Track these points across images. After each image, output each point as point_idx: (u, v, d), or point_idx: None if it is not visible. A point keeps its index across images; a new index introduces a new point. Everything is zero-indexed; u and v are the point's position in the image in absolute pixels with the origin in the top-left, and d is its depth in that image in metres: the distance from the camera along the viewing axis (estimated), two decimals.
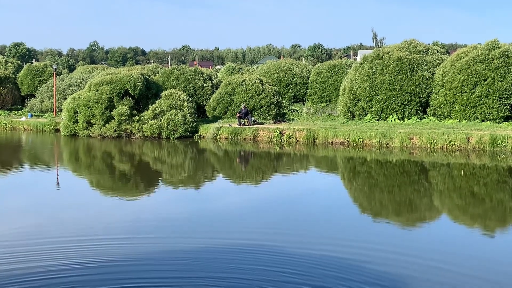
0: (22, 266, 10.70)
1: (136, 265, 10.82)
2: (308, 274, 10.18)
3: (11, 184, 21.36)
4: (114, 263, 10.91)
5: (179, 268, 10.68)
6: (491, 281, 10.02)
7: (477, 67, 34.04)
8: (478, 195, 18.95)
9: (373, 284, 9.68)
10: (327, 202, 17.70)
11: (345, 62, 53.38)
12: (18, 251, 11.63)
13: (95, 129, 36.68)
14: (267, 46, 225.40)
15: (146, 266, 10.76)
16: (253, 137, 34.88)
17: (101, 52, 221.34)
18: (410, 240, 12.79)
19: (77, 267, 10.63)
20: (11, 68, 61.08)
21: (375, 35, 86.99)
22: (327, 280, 9.89)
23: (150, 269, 10.58)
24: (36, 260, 11.07)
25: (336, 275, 10.17)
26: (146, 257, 11.38)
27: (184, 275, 10.26)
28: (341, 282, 9.77)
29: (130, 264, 10.88)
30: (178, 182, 21.97)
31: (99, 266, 10.69)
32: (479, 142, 29.11)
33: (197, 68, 45.50)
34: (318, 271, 10.35)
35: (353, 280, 9.89)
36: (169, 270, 10.58)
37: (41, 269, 10.52)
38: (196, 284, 9.78)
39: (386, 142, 30.97)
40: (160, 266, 10.77)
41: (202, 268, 10.64)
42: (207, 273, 10.29)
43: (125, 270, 10.51)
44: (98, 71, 50.26)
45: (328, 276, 10.12)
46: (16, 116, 49.66)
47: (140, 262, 11.06)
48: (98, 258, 11.20)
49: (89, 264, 10.82)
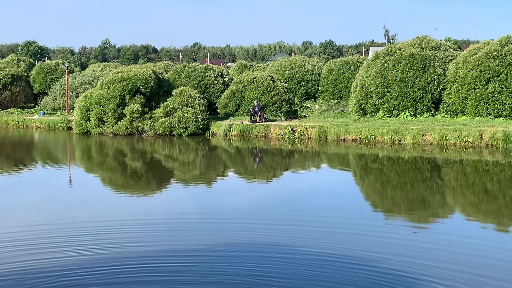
0: (33, 259, 10.76)
1: (147, 262, 10.85)
2: (316, 272, 10.16)
3: (24, 181, 21.48)
4: (122, 260, 10.95)
5: (194, 268, 10.70)
6: (506, 280, 9.93)
7: (489, 63, 33.79)
8: (491, 192, 18.82)
9: (387, 283, 9.64)
10: (339, 199, 17.64)
11: (356, 59, 53.22)
12: (28, 246, 11.69)
13: (107, 127, 36.81)
14: (278, 43, 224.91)
15: (162, 262, 10.79)
16: (265, 134, 34.86)
17: (113, 50, 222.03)
18: (422, 238, 12.72)
19: (86, 263, 10.68)
20: (23, 67, 61.36)
21: (387, 32, 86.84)
22: (336, 278, 9.86)
23: (167, 266, 10.60)
24: (45, 256, 11.13)
25: (343, 275, 10.14)
26: (160, 254, 11.40)
27: (200, 275, 10.28)
28: (352, 280, 9.74)
29: (140, 261, 10.91)
30: (189, 179, 21.99)
31: (108, 263, 10.73)
32: (492, 138, 28.91)
33: (208, 66, 45.53)
34: (324, 270, 10.33)
35: (362, 278, 9.86)
36: (181, 269, 10.60)
37: (52, 264, 10.57)
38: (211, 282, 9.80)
39: (398, 139, 30.84)
40: (173, 264, 10.80)
41: (209, 268, 10.66)
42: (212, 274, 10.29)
43: (132, 267, 10.54)
44: (110, 69, 50.40)
45: (337, 275, 10.09)
46: (29, 114, 49.94)
47: (152, 259, 11.08)
48: (108, 256, 11.24)
49: (99, 261, 10.86)
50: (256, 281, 9.74)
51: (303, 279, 9.81)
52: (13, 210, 15.82)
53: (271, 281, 9.74)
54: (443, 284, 9.62)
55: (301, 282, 9.70)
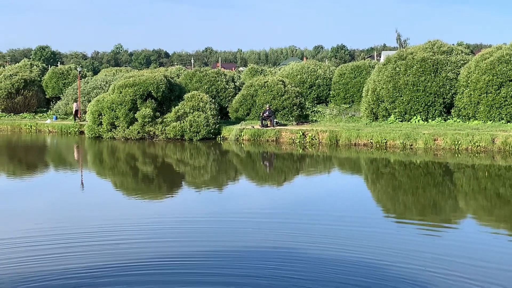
0: (43, 263, 10.82)
1: (158, 266, 10.87)
2: (322, 278, 10.14)
3: (36, 185, 21.60)
4: (133, 263, 10.97)
5: (203, 270, 10.71)
6: None
7: (502, 68, 33.61)
8: (503, 196, 18.69)
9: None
10: (350, 204, 17.58)
11: (368, 63, 53.14)
12: (39, 248, 11.74)
13: (119, 131, 36.96)
14: (290, 47, 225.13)
15: (172, 267, 10.81)
16: (276, 139, 34.85)
17: (125, 54, 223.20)
18: (434, 244, 12.64)
19: (95, 266, 10.71)
20: (36, 71, 61.84)
21: (399, 36, 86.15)
22: (343, 285, 9.83)
23: (176, 271, 10.62)
24: (56, 258, 11.18)
25: (356, 278, 10.10)
26: (171, 258, 11.42)
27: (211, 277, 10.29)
28: (358, 285, 9.70)
29: (151, 264, 10.93)
30: (201, 183, 22.01)
31: (119, 266, 10.76)
32: (504, 143, 28.72)
33: (219, 70, 45.66)
34: (331, 274, 10.30)
35: (373, 283, 9.82)
36: (190, 271, 10.62)
37: (62, 266, 10.62)
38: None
39: (410, 143, 30.72)
40: (185, 265, 10.82)
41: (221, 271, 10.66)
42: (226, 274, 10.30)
43: (143, 270, 10.56)
44: (122, 74, 50.65)
45: (347, 279, 10.06)
46: (41, 118, 50.26)
47: (165, 262, 11.10)
48: (119, 258, 11.27)
49: (108, 263, 10.89)
50: (261, 283, 9.74)
51: (313, 280, 9.79)
52: (25, 213, 15.90)
53: (280, 280, 9.74)
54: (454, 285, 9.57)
55: (305, 281, 9.68)
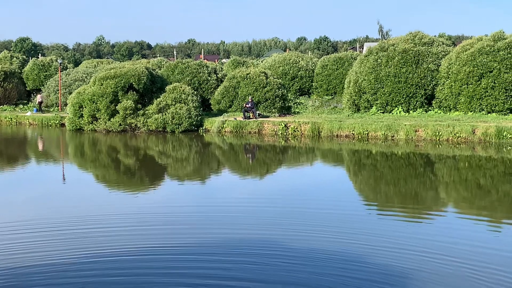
0: (25, 255, 10.74)
1: (143, 258, 10.84)
2: (310, 268, 10.17)
3: (17, 178, 21.40)
4: (120, 255, 10.93)
5: (185, 264, 10.70)
6: (500, 273, 9.95)
7: (482, 59, 33.86)
8: (484, 187, 18.87)
9: (378, 279, 9.66)
10: (332, 195, 17.64)
11: (350, 55, 53.32)
12: (22, 241, 11.65)
13: (100, 123, 36.73)
14: (273, 39, 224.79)
15: (156, 258, 10.78)
16: (258, 131, 34.85)
17: (107, 46, 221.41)
18: (416, 233, 12.73)
19: (78, 259, 10.66)
20: (17, 63, 61.19)
21: (381, 28, 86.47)
22: (327, 275, 9.87)
23: (162, 263, 10.60)
24: (39, 251, 11.10)
25: (339, 269, 10.15)
26: (153, 250, 11.38)
27: (193, 270, 10.28)
28: (344, 276, 9.75)
29: (136, 257, 10.90)
30: (183, 176, 21.96)
31: (101, 257, 10.72)
32: (484, 134, 28.98)
33: (201, 62, 45.49)
34: (320, 265, 10.34)
35: (355, 274, 9.87)
36: (173, 264, 10.60)
37: (46, 260, 10.55)
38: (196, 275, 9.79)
39: (391, 134, 30.88)
40: (168, 261, 10.79)
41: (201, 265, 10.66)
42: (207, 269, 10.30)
43: (127, 263, 10.52)
44: (103, 66, 50.30)
45: (330, 271, 10.10)
46: (22, 111, 49.78)
47: (147, 254, 11.07)
48: (104, 250, 11.22)
49: (90, 256, 10.84)
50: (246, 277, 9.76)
51: (292, 275, 9.82)
52: (7, 207, 15.75)
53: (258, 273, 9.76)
54: (436, 278, 9.64)
55: (287, 274, 9.71)
